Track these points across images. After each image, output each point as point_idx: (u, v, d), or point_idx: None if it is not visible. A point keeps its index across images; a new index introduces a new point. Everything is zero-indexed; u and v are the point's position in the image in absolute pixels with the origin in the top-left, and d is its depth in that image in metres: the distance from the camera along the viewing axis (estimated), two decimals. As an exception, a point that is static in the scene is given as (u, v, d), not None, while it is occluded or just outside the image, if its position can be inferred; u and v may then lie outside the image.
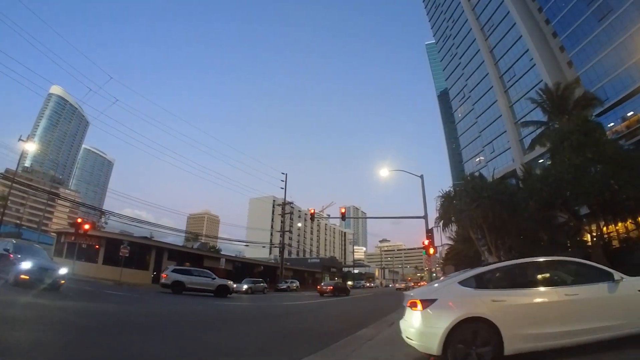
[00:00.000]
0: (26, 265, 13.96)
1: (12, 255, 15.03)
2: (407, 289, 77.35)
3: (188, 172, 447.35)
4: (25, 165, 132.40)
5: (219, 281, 25.90)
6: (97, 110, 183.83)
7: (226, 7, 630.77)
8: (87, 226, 27.02)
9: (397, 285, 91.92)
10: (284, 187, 49.66)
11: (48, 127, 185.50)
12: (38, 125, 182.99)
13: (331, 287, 37.83)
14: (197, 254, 46.10)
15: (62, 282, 15.21)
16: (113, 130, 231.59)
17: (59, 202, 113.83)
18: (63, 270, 15.37)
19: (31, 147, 46.17)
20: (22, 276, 13.69)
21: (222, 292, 25.38)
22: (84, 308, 12.56)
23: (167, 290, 23.73)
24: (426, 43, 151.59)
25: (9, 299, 10.99)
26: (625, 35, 35.39)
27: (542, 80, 44.58)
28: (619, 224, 28.65)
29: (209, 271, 26.77)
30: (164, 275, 25.12)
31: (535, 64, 49.51)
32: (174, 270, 25.26)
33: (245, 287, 34.88)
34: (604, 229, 25.50)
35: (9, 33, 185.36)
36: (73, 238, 33.67)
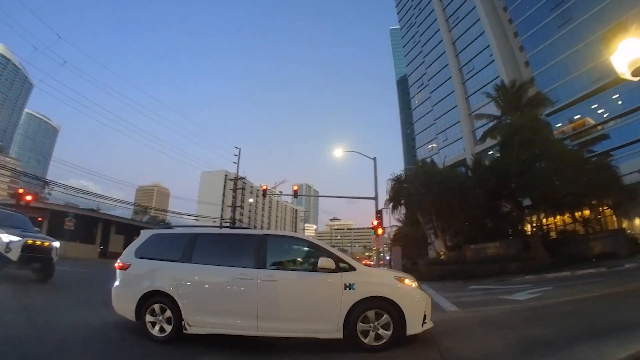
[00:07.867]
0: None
1: None
2: None
3: (139, 142, 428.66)
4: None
5: None
6: (43, 72, 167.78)
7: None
8: (29, 197, 25.08)
9: None
10: (237, 161, 48.72)
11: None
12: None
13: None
14: (145, 228, 44.70)
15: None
16: (60, 95, 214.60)
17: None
18: (56, 244, 11.06)
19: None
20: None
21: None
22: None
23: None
24: (390, 28, 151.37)
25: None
26: (581, 44, 37.50)
27: (499, 76, 46.19)
28: (558, 217, 30.69)
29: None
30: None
31: (494, 60, 51.09)
32: None
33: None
34: (544, 220, 27.17)
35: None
36: (14, 210, 31.37)
